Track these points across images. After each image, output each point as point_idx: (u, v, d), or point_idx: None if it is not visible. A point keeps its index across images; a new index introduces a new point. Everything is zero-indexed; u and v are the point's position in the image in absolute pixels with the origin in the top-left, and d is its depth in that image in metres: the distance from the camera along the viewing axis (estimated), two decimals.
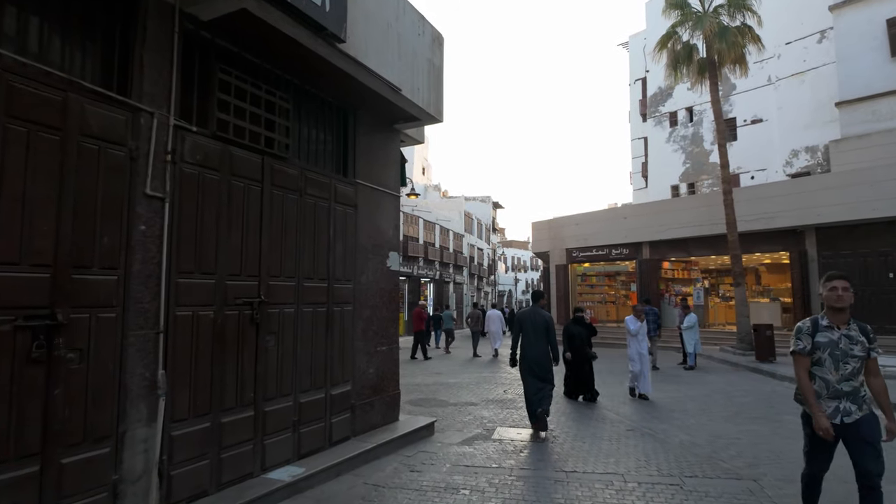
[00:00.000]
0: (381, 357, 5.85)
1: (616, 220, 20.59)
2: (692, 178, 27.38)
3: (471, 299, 36.71)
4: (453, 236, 32.60)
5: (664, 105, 29.32)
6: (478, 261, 39.12)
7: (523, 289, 66.21)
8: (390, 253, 6.12)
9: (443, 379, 10.94)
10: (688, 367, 12.62)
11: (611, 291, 22.35)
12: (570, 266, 22.22)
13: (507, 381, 10.61)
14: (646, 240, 19.63)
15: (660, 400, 8.78)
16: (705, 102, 27.46)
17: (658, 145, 29.47)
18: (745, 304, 14.96)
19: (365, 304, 5.57)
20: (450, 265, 31.65)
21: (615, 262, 21.20)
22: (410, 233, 26.39)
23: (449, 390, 9.53)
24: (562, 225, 22.65)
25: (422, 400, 8.53)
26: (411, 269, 26.00)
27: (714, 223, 17.68)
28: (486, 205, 43.13)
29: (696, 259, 20.61)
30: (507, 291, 54.60)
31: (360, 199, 5.62)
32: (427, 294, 29.19)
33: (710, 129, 27.08)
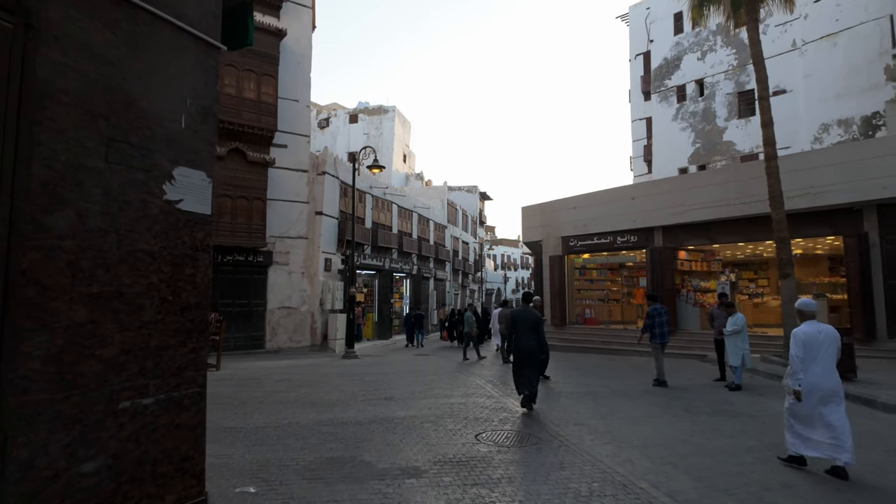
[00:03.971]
0: (137, 425, 2.34)
1: (622, 202, 17.19)
2: (703, 158, 24.12)
3: (454, 296, 33.21)
4: (434, 227, 29.10)
5: (670, 78, 26.03)
6: (462, 255, 35.64)
7: (513, 287, 63.06)
8: (180, 169, 2.59)
9: (390, 409, 7.43)
10: (733, 386, 9.22)
11: (614, 287, 18.96)
12: (567, 257, 18.80)
13: (484, 417, 7.11)
14: (658, 224, 16.26)
15: (729, 449, 5.31)
16: (718, 73, 24.26)
17: (663, 124, 26.20)
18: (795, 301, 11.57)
19: (67, 291, 2.09)
20: (430, 259, 28.14)
21: (621, 251, 17.80)
22: (381, 220, 22.84)
23: (389, 433, 6.03)
24: (557, 209, 19.23)
25: (332, 461, 5.02)
26: (382, 262, 22.44)
27: (745, 202, 14.37)
28: (472, 195, 39.66)
29: (719, 248, 17.27)
30: (495, 290, 51.22)
31: (65, 13, 2.13)
32: (403, 291, 25.66)
33: (723, 103, 23.83)
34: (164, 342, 2.47)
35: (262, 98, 16.46)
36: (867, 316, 12.41)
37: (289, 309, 17.15)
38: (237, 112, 15.97)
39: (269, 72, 16.63)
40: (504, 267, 62.46)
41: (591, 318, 18.27)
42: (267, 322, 16.76)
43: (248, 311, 16.48)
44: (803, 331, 4.78)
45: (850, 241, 13.04)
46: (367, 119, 38.57)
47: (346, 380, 10.51)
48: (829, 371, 4.65)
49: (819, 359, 4.64)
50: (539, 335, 7.34)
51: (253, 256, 16.46)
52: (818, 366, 4.64)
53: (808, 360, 4.65)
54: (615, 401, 8.36)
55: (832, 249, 16.89)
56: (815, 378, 4.62)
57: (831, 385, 4.62)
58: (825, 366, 4.64)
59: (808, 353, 4.66)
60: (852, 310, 12.93)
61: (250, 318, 16.49)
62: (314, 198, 17.99)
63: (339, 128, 39.20)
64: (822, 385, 4.61)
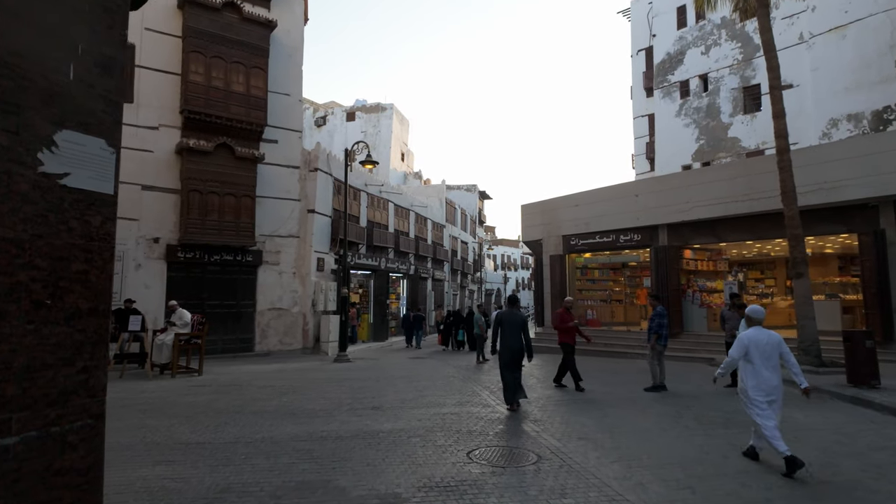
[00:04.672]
0: None
1: (625, 199, 16.57)
2: (707, 155, 23.51)
3: (452, 297, 32.59)
4: (432, 226, 28.47)
5: (673, 73, 25.42)
6: (461, 255, 35.01)
7: (514, 288, 62.51)
8: (66, 133, 1.98)
9: (376, 421, 6.81)
10: None
11: (616, 288, 18.33)
12: (568, 257, 18.19)
13: (479, 430, 6.50)
14: (663, 222, 15.65)
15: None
16: (723, 68, 23.63)
17: (666, 120, 25.59)
18: (810, 303, 10.97)
19: None
20: (427, 258, 27.51)
21: (624, 250, 17.18)
22: (377, 218, 22.21)
23: (371, 451, 5.42)
24: (557, 207, 18.62)
25: (302, 486, 4.41)
26: (378, 261, 21.82)
27: (754, 198, 13.77)
28: (471, 194, 39.02)
29: (726, 246, 16.65)
30: (495, 290, 50.60)
31: None
32: (400, 292, 25.05)
33: (728, 98, 23.22)
34: (38, 360, 1.86)
35: (251, 91, 15.85)
36: (885, 317, 11.79)
37: (279, 310, 16.54)
38: (225, 106, 15.37)
39: (258, 64, 16.02)
40: (504, 267, 61.91)
41: (593, 320, 17.64)
42: (256, 324, 16.14)
43: (237, 312, 15.86)
44: (748, 335, 5.19)
45: (866, 239, 12.42)
46: (364, 117, 37.96)
47: (334, 386, 9.90)
48: (772, 372, 5.04)
49: (765, 361, 5.04)
50: (525, 336, 7.70)
51: (242, 256, 15.85)
52: (764, 368, 5.03)
53: (755, 362, 5.06)
54: (622, 410, 7.75)
55: (843, 248, 16.27)
56: (761, 379, 5.02)
57: (777, 382, 5.03)
58: (770, 368, 5.04)
59: (753, 356, 5.07)
60: (868, 311, 12.31)
61: (239, 319, 15.87)
62: (306, 195, 17.38)
63: (336, 126, 38.60)
64: (767, 385, 5.00)
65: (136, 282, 14.06)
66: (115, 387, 9.46)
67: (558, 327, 10.12)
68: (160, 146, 14.74)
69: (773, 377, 5.01)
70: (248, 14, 15.78)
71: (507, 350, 7.67)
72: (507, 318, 7.81)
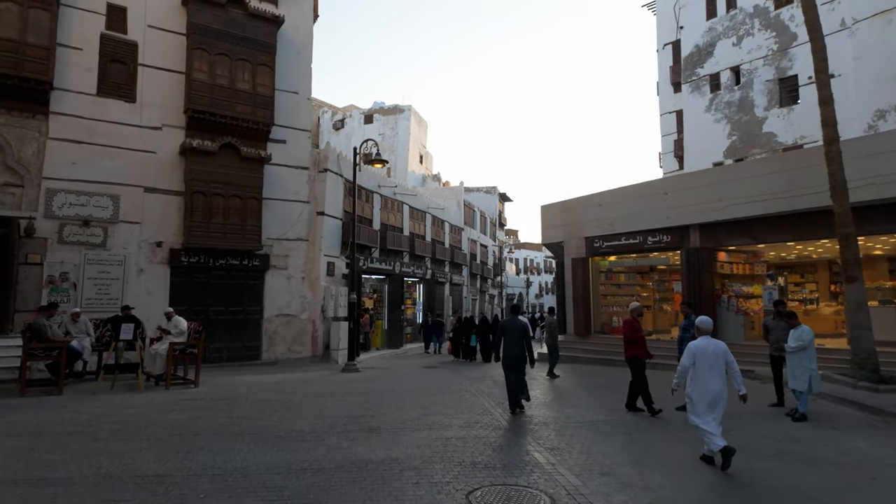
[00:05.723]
0: None
1: (653, 198, 15.46)
2: (741, 152, 22.13)
3: (471, 302, 31.66)
4: (450, 229, 27.61)
5: (703, 66, 24.12)
6: (481, 259, 34.03)
7: (536, 292, 61.27)
8: None
9: (368, 447, 5.97)
10: (797, 415, 7.52)
11: (644, 293, 17.18)
12: (591, 260, 17.13)
13: (485, 460, 5.61)
14: (695, 222, 14.50)
15: None
16: (756, 59, 22.23)
17: (695, 116, 24.29)
18: (865, 310, 9.77)
19: None
20: (445, 262, 26.64)
21: (652, 252, 16.05)
22: (391, 221, 21.45)
23: (354, 489, 4.57)
24: (580, 207, 17.59)
25: None
26: (392, 265, 21.06)
27: (795, 194, 12.59)
28: (491, 196, 38.06)
29: (764, 248, 15.40)
30: (516, 295, 49.43)
31: None
32: (416, 297, 24.24)
33: (762, 91, 21.83)
34: None
35: (257, 90, 15.27)
36: None
37: (287, 317, 15.88)
38: (230, 104, 14.81)
39: (265, 61, 15.45)
40: (527, 271, 60.68)
41: (618, 328, 16.50)
42: (264, 331, 15.51)
43: (243, 319, 15.25)
44: (696, 344, 5.58)
45: None
46: (382, 119, 37.40)
47: (334, 401, 9.11)
48: (717, 378, 5.40)
49: (710, 369, 5.41)
50: (526, 342, 8.00)
51: (248, 260, 15.25)
52: (710, 374, 5.40)
53: (701, 370, 5.43)
54: (651, 434, 6.77)
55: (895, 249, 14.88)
56: (707, 384, 5.38)
57: (720, 389, 5.39)
58: (717, 374, 5.41)
59: (699, 364, 5.45)
60: None
61: (245, 326, 15.26)
62: (315, 197, 16.72)
63: (354, 128, 38.13)
64: (711, 390, 5.37)
65: (138, 287, 13.56)
66: (101, 400, 8.86)
67: (629, 337, 8.47)
68: (164, 147, 14.25)
69: (717, 384, 5.36)
70: (254, 10, 15.24)
71: (508, 356, 8.01)
72: (508, 325, 8.13)
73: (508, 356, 8.05)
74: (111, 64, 13.66)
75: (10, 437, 6.28)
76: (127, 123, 13.78)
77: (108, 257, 13.27)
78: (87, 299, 12.84)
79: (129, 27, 13.97)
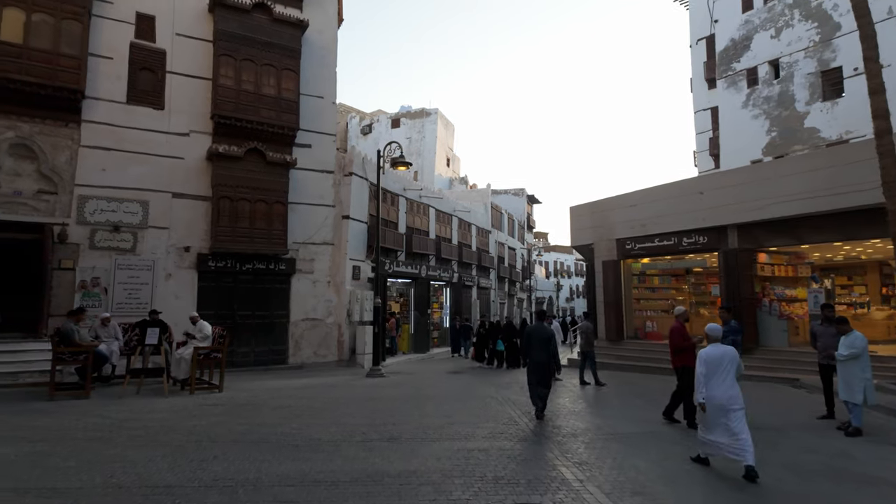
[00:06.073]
0: None
1: (687, 198, 14.84)
2: (780, 149, 21.13)
3: (499, 305, 31.22)
4: (477, 231, 27.29)
5: (739, 61, 23.20)
6: (509, 262, 33.56)
7: (567, 296, 60.35)
8: None
9: (386, 459, 5.71)
10: (850, 429, 6.93)
11: (679, 297, 16.50)
12: (623, 262, 16.55)
13: (508, 476, 5.29)
14: (732, 222, 13.83)
15: None
16: (797, 51, 21.23)
17: (732, 113, 23.37)
18: None
19: None
20: (472, 266, 26.32)
21: (687, 254, 15.40)
22: (417, 224, 21.26)
23: None
24: (610, 208, 17.05)
25: None
26: (418, 269, 20.86)
27: (840, 192, 11.84)
28: (519, 198, 37.56)
29: (808, 249, 14.58)
30: (546, 298, 48.67)
31: None
32: (442, 301, 24.00)
33: (803, 84, 20.82)
34: None
35: (282, 94, 15.31)
36: None
37: (313, 321, 15.83)
38: (255, 110, 14.88)
39: (289, 66, 15.49)
40: (557, 274, 59.79)
41: (652, 332, 15.91)
42: (290, 335, 15.49)
43: (270, 323, 15.27)
44: (707, 352, 5.52)
45: None
46: (408, 123, 37.39)
47: (355, 408, 8.91)
48: (729, 385, 5.34)
49: (721, 375, 5.37)
50: (551, 348, 8.02)
51: (274, 264, 15.27)
52: (721, 381, 5.36)
53: (711, 377, 5.39)
54: (687, 448, 6.30)
55: None
56: (718, 391, 5.34)
57: (731, 396, 5.30)
58: (726, 381, 5.35)
59: (709, 371, 5.41)
60: None
61: (272, 330, 15.27)
62: (341, 201, 16.67)
63: (382, 133, 38.23)
64: (722, 396, 5.30)
65: (166, 292, 13.70)
66: (125, 404, 8.87)
67: (679, 346, 7.77)
68: (191, 153, 14.40)
69: (730, 389, 5.33)
70: (278, 15, 15.30)
71: (534, 363, 8.02)
72: (534, 331, 8.15)
73: (533, 362, 8.05)
74: (140, 72, 13.89)
75: (32, 441, 6.28)
76: (155, 130, 13.97)
77: (138, 262, 13.44)
78: (118, 304, 13.02)
79: (158, 35, 14.19)
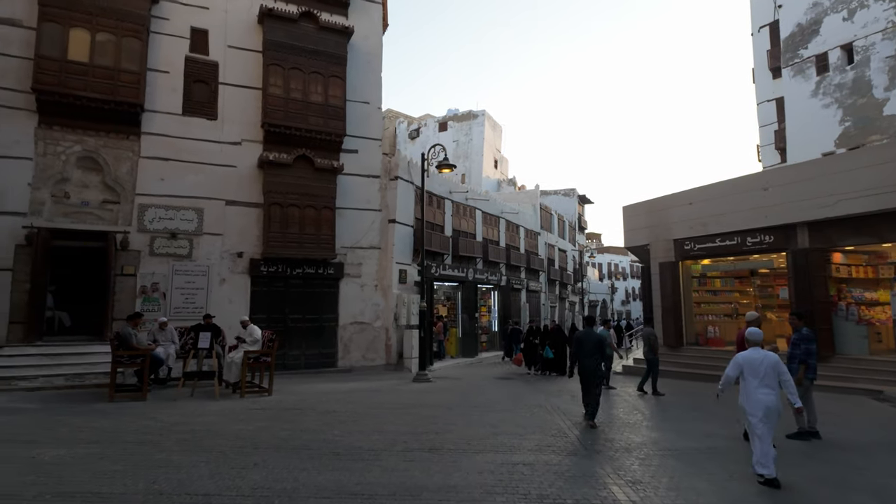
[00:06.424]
0: None
1: (751, 194, 13.89)
2: (855, 139, 19.55)
3: (550, 309, 30.52)
4: (525, 233, 26.79)
5: (807, 47, 21.67)
6: (559, 264, 32.77)
7: (622, 299, 58.43)
8: None
9: (425, 471, 5.51)
10: None
11: (744, 300, 15.48)
12: (681, 264, 15.70)
13: (553, 495, 4.95)
14: (801, 219, 12.82)
15: None
16: (873, 34, 19.61)
17: (800, 103, 21.86)
18: None
19: None
20: (521, 268, 25.84)
21: (752, 255, 14.43)
22: (463, 227, 21.06)
23: None
24: (667, 207, 16.25)
25: None
26: (465, 272, 20.63)
27: None
28: (569, 199, 36.69)
29: (889, 249, 13.32)
30: (600, 302, 47.29)
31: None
32: (490, 304, 23.66)
33: (881, 69, 19.19)
34: None
35: (329, 101, 15.50)
36: None
37: (361, 324, 15.91)
38: (304, 117, 15.13)
39: (336, 73, 15.66)
40: (611, 276, 58.00)
41: (714, 339, 14.98)
42: (339, 338, 15.63)
43: (320, 326, 15.45)
44: (743, 355, 5.40)
45: None
46: (456, 126, 37.31)
47: (399, 414, 8.77)
48: (769, 391, 5.16)
49: (761, 380, 5.19)
50: (602, 354, 8.19)
51: (323, 269, 15.45)
52: (761, 386, 5.18)
53: (750, 382, 5.25)
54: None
55: None
56: (759, 397, 5.16)
57: (771, 402, 5.13)
58: (767, 386, 5.17)
59: (747, 376, 5.29)
60: None
61: (321, 334, 15.45)
62: (387, 205, 16.70)
63: (429, 137, 38.34)
64: (763, 402, 5.13)
65: (220, 297, 14.10)
66: (177, 407, 9.10)
67: None
68: (243, 161, 14.80)
69: (768, 397, 5.15)
70: (324, 23, 15.52)
71: (584, 369, 8.05)
72: (584, 337, 8.18)
73: (584, 369, 8.07)
74: (194, 84, 14.41)
75: (87, 443, 6.49)
76: (209, 140, 14.44)
77: (194, 268, 13.91)
78: (175, 308, 13.51)
79: (211, 48, 14.68)
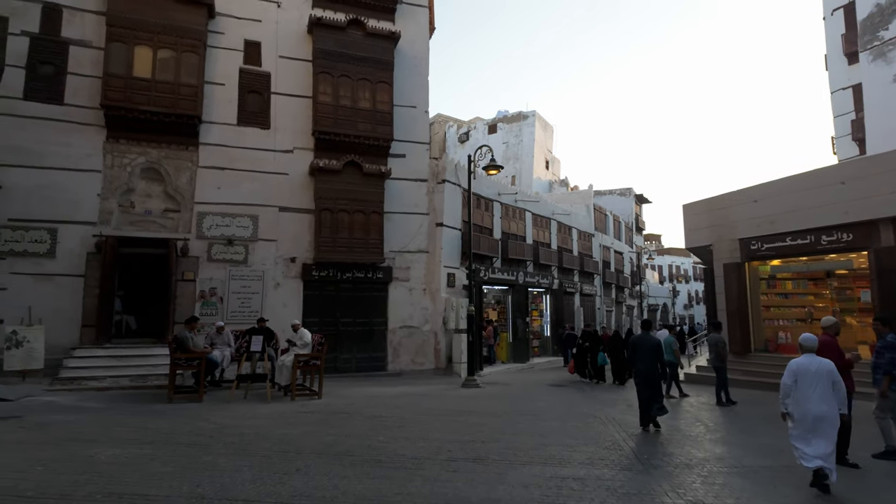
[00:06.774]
0: None
1: (826, 189, 12.80)
2: None
3: (606, 313, 29.50)
4: (578, 235, 26.04)
5: (887, 28, 19.94)
6: (615, 267, 31.68)
7: (685, 302, 55.83)
8: None
9: (468, 483, 5.28)
10: None
11: (819, 304, 14.27)
12: (748, 265, 14.69)
13: None
14: (884, 215, 11.67)
15: None
16: None
17: (880, 89, 20.12)
18: None
19: None
20: (573, 271, 25.12)
21: (828, 255, 13.30)
22: (512, 229, 20.67)
23: None
24: (730, 204, 15.28)
25: None
26: (515, 276, 20.24)
27: None
28: (626, 199, 35.46)
29: None
30: (660, 306, 45.40)
31: None
32: (542, 308, 23.11)
33: None
34: None
35: (377, 107, 15.63)
36: None
37: (410, 328, 15.88)
38: (352, 123, 15.33)
39: (383, 78, 15.78)
40: (672, 279, 55.58)
41: (785, 345, 13.90)
42: (388, 342, 15.67)
43: (369, 330, 15.55)
44: (797, 362, 5.25)
45: None
46: (505, 128, 36.94)
47: (445, 421, 8.59)
48: (821, 399, 5.02)
49: (813, 388, 5.06)
50: (658, 358, 8.10)
51: (372, 273, 15.56)
52: (813, 394, 5.05)
53: (803, 390, 5.11)
54: (835, 491, 5.16)
55: None
56: (808, 405, 5.06)
57: (823, 411, 5.00)
58: (819, 394, 5.04)
59: (800, 383, 5.13)
60: None
61: (371, 338, 15.54)
62: (434, 209, 16.63)
63: (479, 140, 38.11)
64: (814, 410, 5.03)
65: (274, 301, 14.44)
66: (230, 410, 9.31)
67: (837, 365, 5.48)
68: (295, 168, 15.13)
69: (819, 406, 5.03)
70: (371, 29, 15.67)
71: (640, 373, 8.09)
72: (640, 342, 8.29)
73: (640, 372, 8.13)
74: (248, 95, 14.89)
75: (141, 444, 6.67)
76: (263, 149, 14.87)
77: (249, 273, 14.33)
78: (232, 312, 13.95)
79: (263, 59, 15.13)
